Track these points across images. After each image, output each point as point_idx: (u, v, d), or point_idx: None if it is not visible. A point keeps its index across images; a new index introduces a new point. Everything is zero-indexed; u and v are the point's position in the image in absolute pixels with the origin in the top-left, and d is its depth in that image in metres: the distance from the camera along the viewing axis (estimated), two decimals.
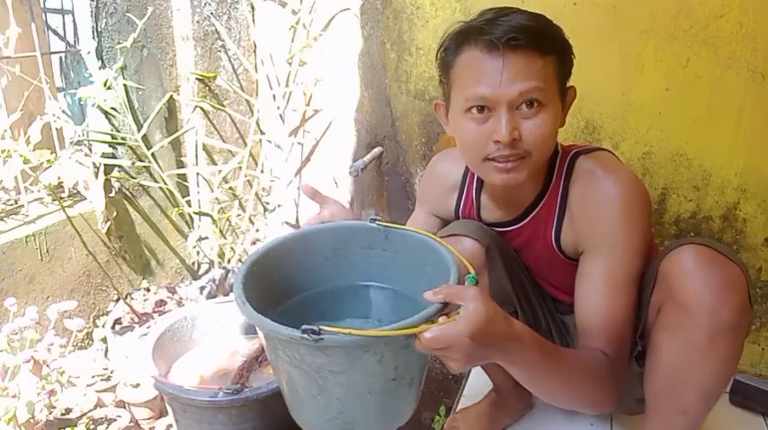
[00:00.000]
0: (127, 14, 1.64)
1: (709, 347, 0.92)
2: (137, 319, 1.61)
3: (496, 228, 1.13)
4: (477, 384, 1.46)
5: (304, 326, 0.67)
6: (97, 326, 1.64)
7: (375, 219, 0.99)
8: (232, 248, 1.97)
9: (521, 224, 1.09)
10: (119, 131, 1.69)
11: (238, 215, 2.00)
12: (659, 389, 1.02)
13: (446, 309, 0.76)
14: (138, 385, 1.40)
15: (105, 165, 1.63)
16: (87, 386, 1.42)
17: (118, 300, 1.68)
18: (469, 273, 0.82)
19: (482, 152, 0.95)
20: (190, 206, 1.91)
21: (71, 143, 1.67)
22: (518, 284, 1.15)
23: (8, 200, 1.56)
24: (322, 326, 0.67)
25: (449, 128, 1.03)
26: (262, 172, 2.08)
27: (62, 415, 1.34)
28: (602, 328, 0.96)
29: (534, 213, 1.07)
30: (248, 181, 2.04)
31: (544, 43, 0.91)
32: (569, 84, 0.99)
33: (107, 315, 1.65)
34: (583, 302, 0.99)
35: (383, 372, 0.75)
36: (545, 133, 0.92)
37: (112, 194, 1.67)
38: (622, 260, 0.96)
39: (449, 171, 1.18)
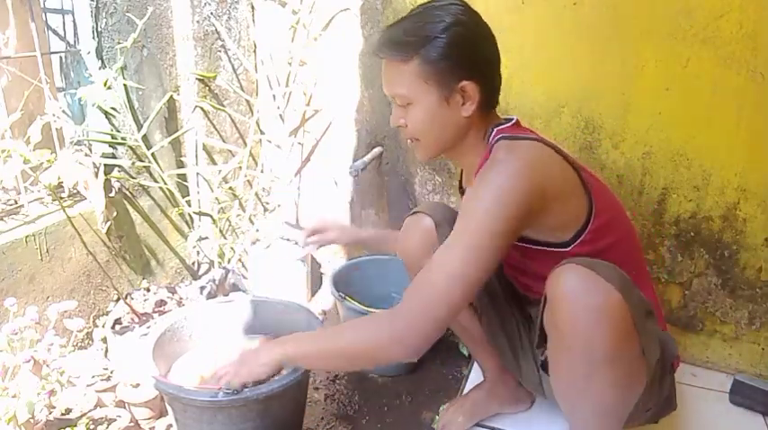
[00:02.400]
0: (127, 14, 1.64)
1: (590, 375, 0.94)
2: (137, 319, 1.61)
3: None
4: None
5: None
6: (97, 326, 1.64)
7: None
8: (232, 248, 1.97)
9: None
10: (119, 131, 1.69)
11: (238, 215, 2.00)
12: (563, 400, 1.07)
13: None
14: (138, 385, 1.40)
15: (105, 165, 1.63)
16: (87, 386, 1.41)
17: (118, 300, 1.68)
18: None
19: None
20: (190, 206, 1.91)
21: (71, 143, 1.67)
22: None
23: (8, 200, 1.56)
24: None
25: None
26: (262, 172, 2.08)
27: (62, 415, 1.34)
28: (416, 280, 1.01)
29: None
30: (248, 181, 2.04)
31: (401, 51, 1.03)
32: (467, 79, 1.04)
33: (107, 315, 1.65)
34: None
35: None
36: (420, 124, 1.08)
37: (112, 194, 1.67)
38: (464, 228, 0.98)
39: None
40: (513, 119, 1.13)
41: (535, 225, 1.03)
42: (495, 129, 1.10)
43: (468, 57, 1.04)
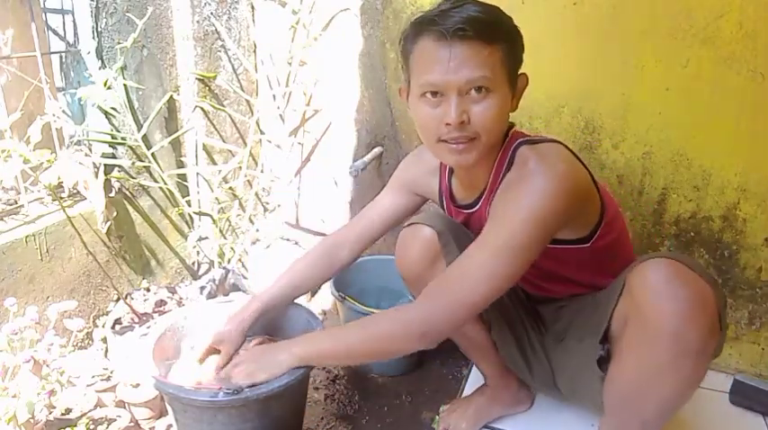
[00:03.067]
0: (127, 14, 1.64)
1: (671, 368, 0.91)
2: (137, 319, 1.61)
3: (465, 210, 1.21)
4: (477, 385, 1.46)
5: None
6: (97, 326, 1.64)
7: None
8: (232, 248, 1.97)
9: (477, 206, 1.17)
10: (119, 131, 1.69)
11: (238, 215, 2.00)
12: (619, 397, 1.03)
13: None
14: (138, 385, 1.40)
15: (105, 165, 1.63)
16: (87, 386, 1.42)
17: (118, 300, 1.68)
18: None
19: (435, 134, 1.02)
20: (190, 206, 1.91)
21: (71, 143, 1.67)
22: None
23: (8, 200, 1.56)
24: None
25: (410, 110, 1.09)
26: (262, 172, 2.08)
27: (62, 415, 1.34)
28: (443, 277, 1.02)
29: (483, 197, 1.14)
30: (248, 181, 2.04)
31: (491, 33, 0.97)
32: (521, 71, 1.05)
33: (107, 315, 1.65)
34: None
35: None
36: (492, 117, 0.99)
37: (112, 194, 1.67)
38: (497, 235, 0.98)
39: (428, 160, 1.27)
40: (512, 123, 1.13)
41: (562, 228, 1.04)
42: (512, 132, 1.10)
43: (523, 50, 1.04)
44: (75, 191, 1.62)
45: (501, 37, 0.98)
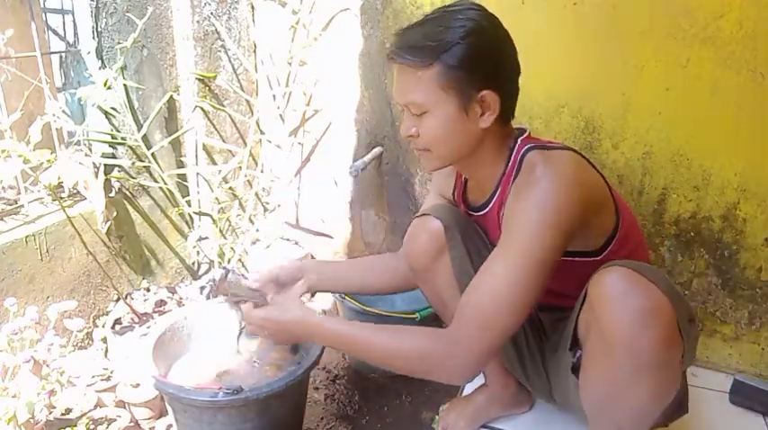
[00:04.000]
0: (127, 14, 1.64)
1: (632, 380, 0.91)
2: (137, 319, 1.61)
3: (474, 213, 1.20)
4: (477, 384, 1.46)
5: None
6: (97, 326, 1.64)
7: None
8: (232, 248, 1.96)
9: (486, 210, 1.16)
10: (119, 131, 1.69)
11: (238, 215, 2.00)
12: (592, 405, 1.04)
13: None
14: (138, 385, 1.40)
15: (105, 165, 1.63)
16: (87, 386, 1.42)
17: (118, 300, 1.68)
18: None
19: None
20: (190, 206, 1.91)
21: (71, 143, 1.67)
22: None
23: (8, 200, 1.56)
24: None
25: None
26: (262, 172, 2.08)
27: (62, 415, 1.34)
28: (465, 304, 0.98)
29: (493, 201, 1.13)
30: (248, 181, 2.04)
31: (422, 57, 0.97)
32: (486, 90, 0.99)
33: (107, 315, 1.65)
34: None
35: None
36: (434, 135, 1.03)
37: (112, 194, 1.67)
38: (515, 248, 0.95)
39: None
40: (525, 128, 1.11)
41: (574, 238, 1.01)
42: (521, 140, 1.07)
43: (489, 65, 0.99)
44: (75, 191, 1.62)
45: (433, 56, 0.97)
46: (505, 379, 1.38)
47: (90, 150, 1.67)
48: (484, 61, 0.99)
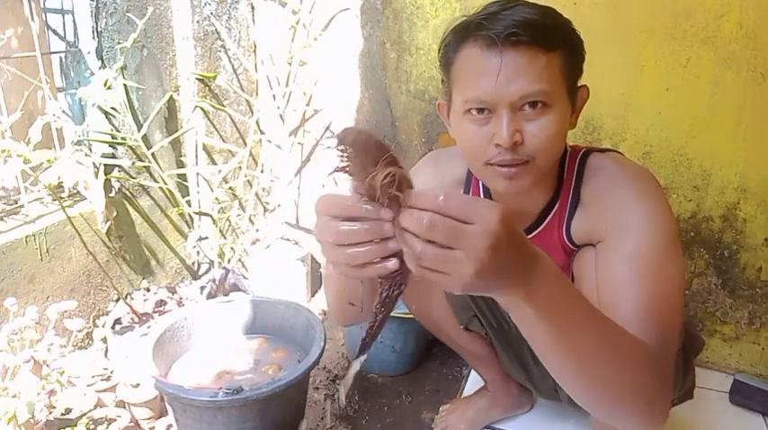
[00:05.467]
0: (127, 14, 1.64)
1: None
2: (137, 319, 1.61)
3: None
4: (477, 385, 1.46)
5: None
6: (97, 326, 1.64)
7: None
8: (232, 248, 1.96)
9: (538, 230, 1.00)
10: (119, 131, 1.69)
11: (238, 215, 2.00)
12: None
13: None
14: (138, 385, 1.40)
15: (105, 165, 1.63)
16: (87, 386, 1.41)
17: (118, 300, 1.68)
18: None
19: (483, 156, 0.87)
20: (190, 206, 1.91)
21: (71, 143, 1.67)
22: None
23: (8, 200, 1.56)
24: None
25: (451, 129, 0.95)
26: (262, 172, 2.08)
27: (62, 415, 1.34)
28: (640, 320, 0.76)
29: (546, 222, 0.99)
30: (248, 181, 2.04)
31: (549, 38, 0.83)
32: (581, 83, 0.92)
33: (107, 315, 1.64)
34: (609, 296, 0.82)
35: None
36: (550, 136, 0.84)
37: (112, 194, 1.67)
38: (647, 240, 0.82)
39: (451, 169, 1.10)
40: None
41: None
42: (570, 146, 0.98)
43: (582, 65, 0.90)
44: (75, 191, 1.62)
45: (560, 42, 0.84)
46: (507, 384, 1.37)
47: (90, 150, 1.67)
48: (582, 50, 0.90)
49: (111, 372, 1.47)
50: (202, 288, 1.75)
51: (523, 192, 0.89)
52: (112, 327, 1.57)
